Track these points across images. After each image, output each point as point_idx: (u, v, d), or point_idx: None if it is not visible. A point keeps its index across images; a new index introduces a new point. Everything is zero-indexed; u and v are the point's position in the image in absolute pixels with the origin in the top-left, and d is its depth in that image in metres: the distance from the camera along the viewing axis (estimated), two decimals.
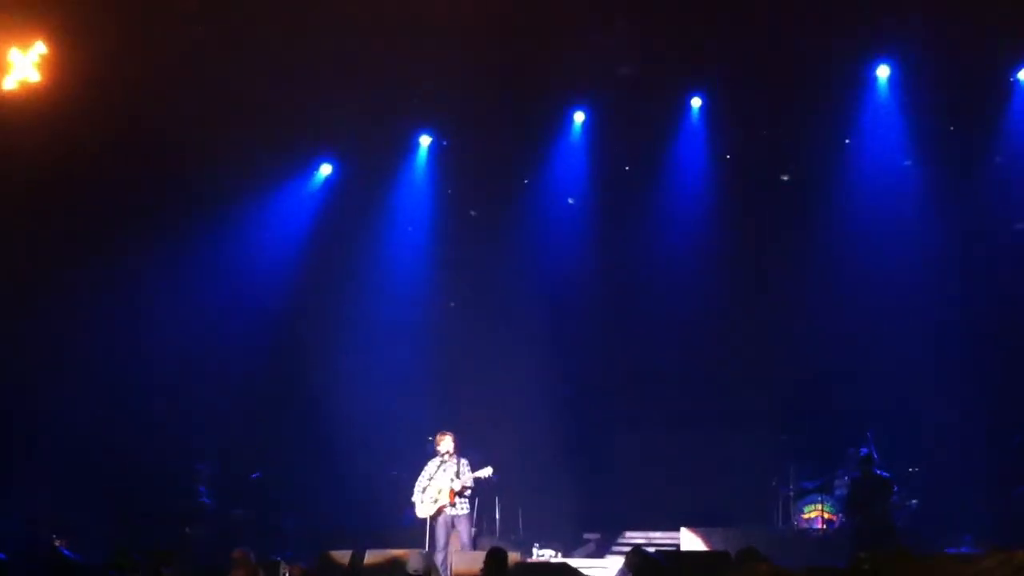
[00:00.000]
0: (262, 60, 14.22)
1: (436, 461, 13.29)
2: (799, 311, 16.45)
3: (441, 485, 13.10)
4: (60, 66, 13.17)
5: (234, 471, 16.21)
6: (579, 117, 16.66)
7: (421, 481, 13.28)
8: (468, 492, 13.17)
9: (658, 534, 15.40)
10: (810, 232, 16.62)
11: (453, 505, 13.06)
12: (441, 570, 12.41)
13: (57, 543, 13.25)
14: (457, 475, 13.08)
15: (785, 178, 16.73)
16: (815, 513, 15.11)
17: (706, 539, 14.41)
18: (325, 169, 17.61)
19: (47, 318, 15.25)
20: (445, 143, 17.39)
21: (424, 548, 12.66)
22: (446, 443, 13.26)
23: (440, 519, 13.09)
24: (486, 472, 13.09)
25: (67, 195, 14.85)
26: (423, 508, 13.17)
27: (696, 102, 16.29)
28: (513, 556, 11.23)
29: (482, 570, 9.69)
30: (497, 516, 15.06)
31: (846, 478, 14.87)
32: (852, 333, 16.12)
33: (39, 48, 12.96)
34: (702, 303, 16.72)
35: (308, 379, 17.05)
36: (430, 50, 14.24)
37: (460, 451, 13.34)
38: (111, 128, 14.61)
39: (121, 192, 15.29)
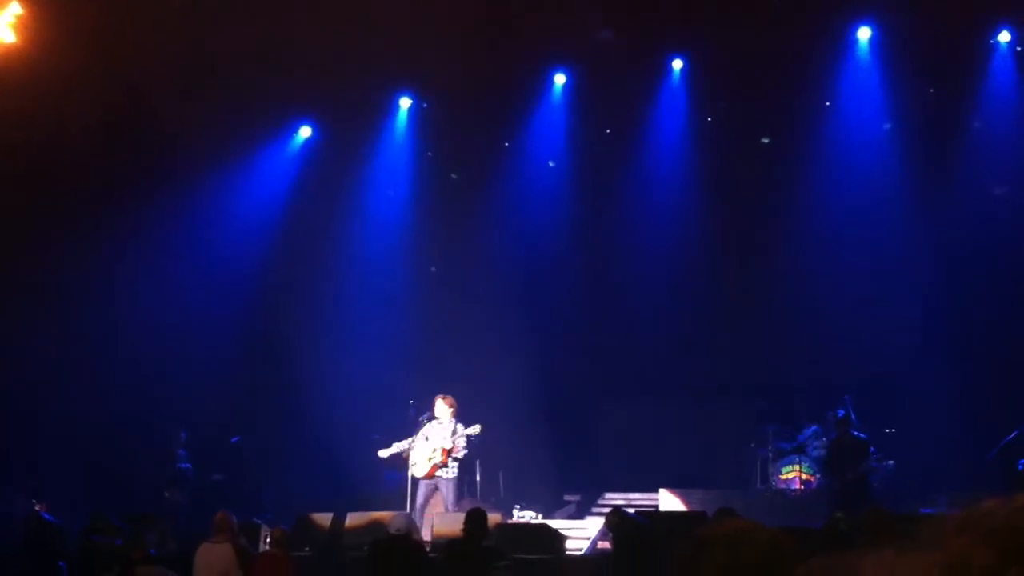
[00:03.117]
0: (240, 21, 14.07)
1: (435, 424, 13.41)
2: (778, 274, 16.48)
3: (436, 444, 13.20)
4: (36, 27, 12.99)
5: (213, 436, 16.19)
6: (560, 79, 16.58)
7: (417, 440, 13.35)
8: (463, 453, 13.29)
9: (638, 495, 15.48)
10: (790, 196, 16.63)
11: (446, 466, 13.19)
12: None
13: (37, 507, 13.24)
14: (453, 434, 13.25)
15: (766, 141, 16.72)
16: (793, 474, 15.23)
17: (685, 500, 14.52)
18: (304, 132, 17.49)
19: (20, 288, 15.12)
20: (425, 105, 17.29)
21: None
22: (448, 408, 13.40)
23: (425, 480, 13.18)
24: (475, 429, 13.25)
25: (39, 160, 14.68)
26: (417, 467, 13.26)
27: (677, 64, 16.22)
28: (494, 517, 11.30)
29: (463, 531, 9.74)
30: (478, 478, 15.11)
31: (823, 439, 14.98)
32: (830, 296, 16.16)
33: (14, 8, 12.79)
34: (682, 266, 16.72)
35: (286, 344, 16.99)
36: (410, 11, 14.12)
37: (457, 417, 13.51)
38: (86, 92, 14.43)
39: (95, 158, 15.12)
